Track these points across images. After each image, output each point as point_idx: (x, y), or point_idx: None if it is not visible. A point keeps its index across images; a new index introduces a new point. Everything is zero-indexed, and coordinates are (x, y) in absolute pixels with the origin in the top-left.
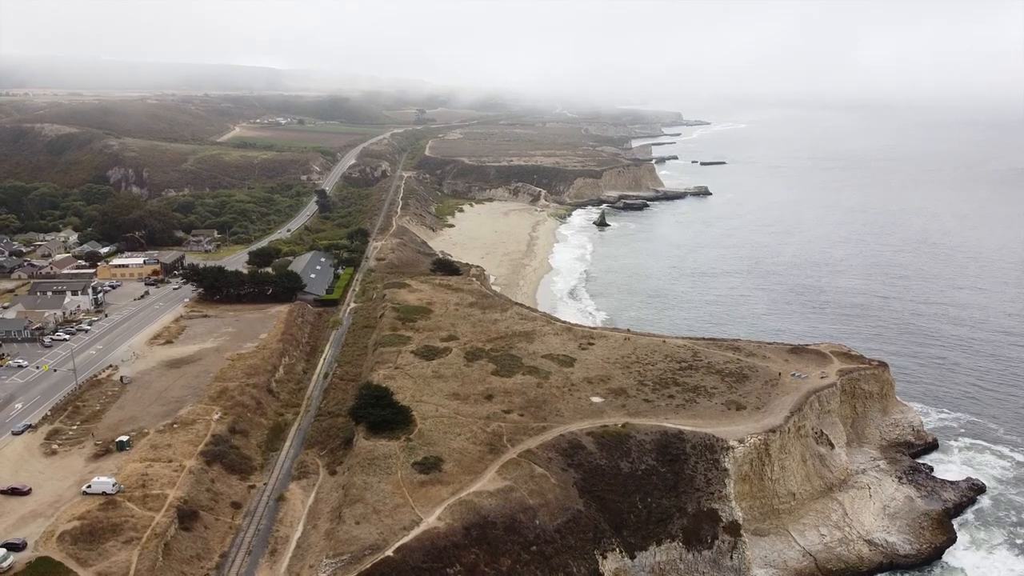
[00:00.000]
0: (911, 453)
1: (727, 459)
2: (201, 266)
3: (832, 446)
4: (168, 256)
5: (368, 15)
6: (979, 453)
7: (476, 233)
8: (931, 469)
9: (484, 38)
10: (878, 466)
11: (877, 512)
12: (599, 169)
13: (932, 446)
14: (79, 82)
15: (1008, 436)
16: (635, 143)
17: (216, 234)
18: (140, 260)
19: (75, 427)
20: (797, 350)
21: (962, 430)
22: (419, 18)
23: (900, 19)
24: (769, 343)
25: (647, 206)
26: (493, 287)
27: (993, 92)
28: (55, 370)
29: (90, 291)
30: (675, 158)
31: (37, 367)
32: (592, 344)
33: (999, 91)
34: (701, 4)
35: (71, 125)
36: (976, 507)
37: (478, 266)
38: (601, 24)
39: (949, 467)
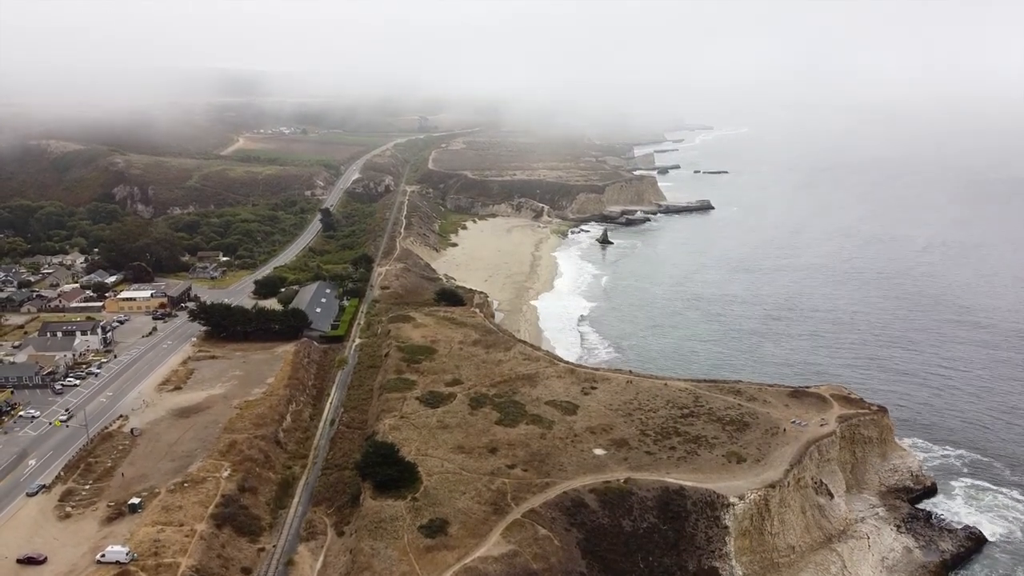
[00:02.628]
0: (910, 499)
1: (727, 516)
2: (208, 303)
3: (831, 496)
4: (175, 288)
5: (367, 17)
6: (979, 494)
7: (479, 253)
8: (929, 515)
9: (485, 41)
10: (877, 514)
11: (875, 564)
12: (602, 184)
13: (931, 490)
14: (81, 88)
15: (1012, 477)
16: (638, 151)
17: (222, 257)
18: (147, 293)
19: (88, 486)
20: (797, 393)
21: (964, 469)
22: (419, 19)
23: (904, 25)
24: (770, 385)
25: (649, 220)
26: (496, 312)
27: (999, 93)
28: (67, 425)
29: (99, 331)
30: (677, 167)
31: (50, 423)
32: (595, 388)
33: (1004, 92)
34: (704, 8)
35: (76, 141)
36: (973, 558)
37: (482, 292)
38: (603, 27)
39: (949, 510)
